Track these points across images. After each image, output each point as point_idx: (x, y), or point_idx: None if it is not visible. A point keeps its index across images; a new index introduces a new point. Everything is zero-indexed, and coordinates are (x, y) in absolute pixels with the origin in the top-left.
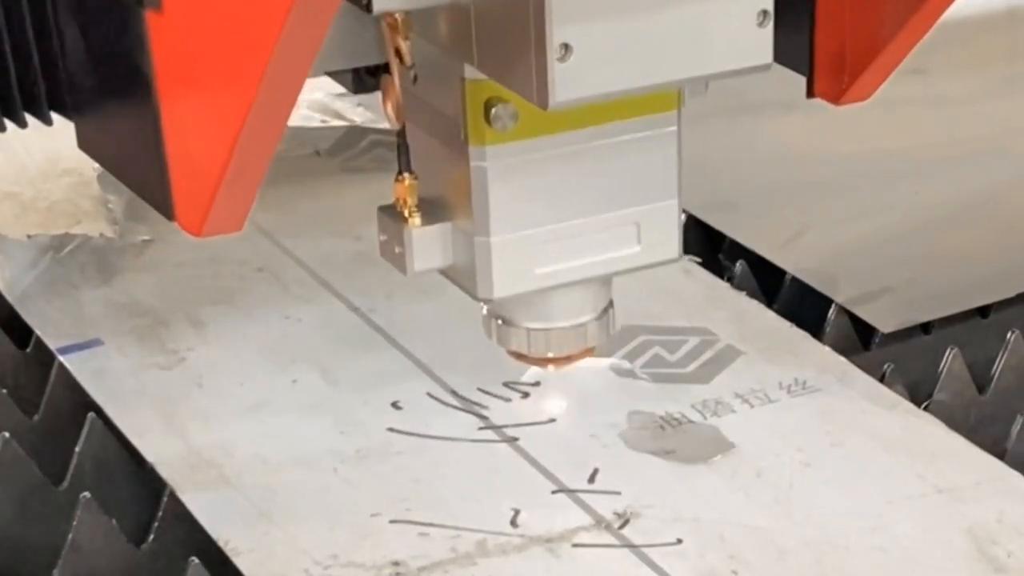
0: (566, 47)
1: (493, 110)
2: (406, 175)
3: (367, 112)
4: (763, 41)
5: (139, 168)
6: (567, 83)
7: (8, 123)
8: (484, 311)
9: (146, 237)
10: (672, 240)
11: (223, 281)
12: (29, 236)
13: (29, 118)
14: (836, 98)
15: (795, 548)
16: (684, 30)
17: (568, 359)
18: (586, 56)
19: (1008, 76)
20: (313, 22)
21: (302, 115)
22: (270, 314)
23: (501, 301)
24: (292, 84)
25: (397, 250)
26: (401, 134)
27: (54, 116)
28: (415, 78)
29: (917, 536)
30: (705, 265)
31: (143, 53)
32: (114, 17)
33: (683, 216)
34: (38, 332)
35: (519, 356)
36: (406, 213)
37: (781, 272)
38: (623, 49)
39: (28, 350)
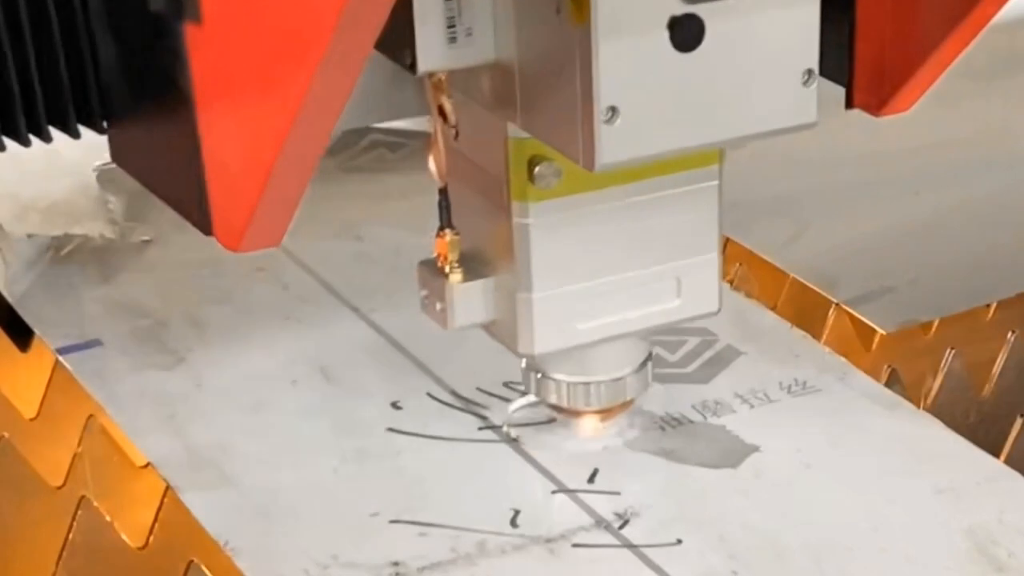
0: (613, 110)
1: (537, 168)
2: (447, 231)
3: None
4: (808, 99)
5: (176, 182)
6: (614, 145)
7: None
8: (523, 364)
9: (146, 237)
10: (712, 293)
11: (223, 281)
12: (29, 236)
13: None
14: (877, 109)
15: (795, 548)
16: (730, 91)
17: (608, 412)
18: (632, 118)
19: (1008, 76)
20: (362, 32)
21: None
22: (270, 314)
23: (541, 355)
24: (338, 96)
25: (438, 306)
26: (443, 192)
27: None
28: (456, 135)
29: (917, 536)
30: None
31: (181, 66)
32: (151, 30)
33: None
34: (38, 332)
35: (558, 409)
36: (447, 269)
37: (781, 272)
38: (669, 110)
39: (28, 350)
